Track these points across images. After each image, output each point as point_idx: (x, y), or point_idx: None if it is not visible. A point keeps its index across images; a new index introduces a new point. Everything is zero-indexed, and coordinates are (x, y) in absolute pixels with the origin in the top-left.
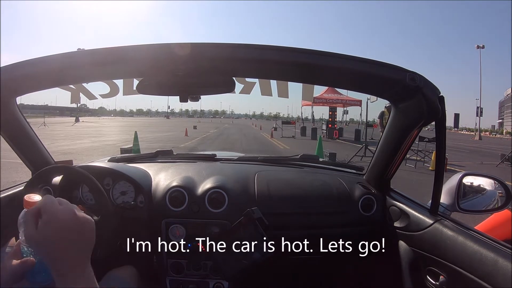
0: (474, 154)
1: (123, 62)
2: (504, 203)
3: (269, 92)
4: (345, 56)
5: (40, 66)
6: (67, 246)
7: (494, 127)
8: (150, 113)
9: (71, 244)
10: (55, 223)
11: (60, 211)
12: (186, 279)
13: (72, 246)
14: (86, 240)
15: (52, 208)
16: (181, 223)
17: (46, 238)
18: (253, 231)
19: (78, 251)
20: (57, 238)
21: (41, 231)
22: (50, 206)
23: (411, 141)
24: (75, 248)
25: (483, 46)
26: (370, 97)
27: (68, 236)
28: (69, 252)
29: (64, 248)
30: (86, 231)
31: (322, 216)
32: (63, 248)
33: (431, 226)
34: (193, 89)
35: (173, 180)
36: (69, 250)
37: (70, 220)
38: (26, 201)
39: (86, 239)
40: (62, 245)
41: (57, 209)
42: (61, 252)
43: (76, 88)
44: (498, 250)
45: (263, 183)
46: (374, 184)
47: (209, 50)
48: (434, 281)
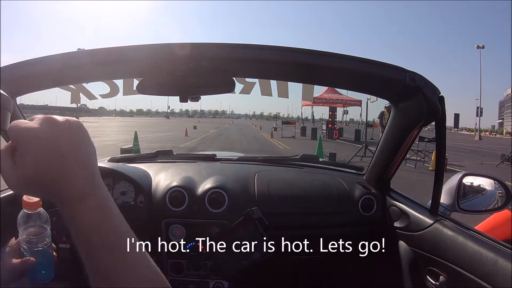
0: (474, 154)
1: (123, 62)
2: (504, 203)
3: (269, 92)
4: (345, 56)
5: (40, 66)
6: (62, 170)
7: (494, 127)
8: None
9: (65, 164)
10: (35, 147)
11: (34, 129)
12: (186, 279)
13: (69, 166)
14: (83, 148)
15: (22, 130)
16: (181, 223)
17: (31, 173)
18: (253, 231)
19: (79, 167)
20: (44, 166)
21: (21, 166)
22: (19, 130)
23: (411, 141)
24: (73, 166)
25: (483, 46)
26: (370, 97)
27: (57, 154)
28: (69, 177)
29: (60, 176)
30: (76, 137)
31: (322, 216)
32: (58, 175)
33: (431, 226)
34: (193, 89)
35: (173, 180)
36: (66, 173)
37: (52, 133)
38: (25, 201)
39: (81, 148)
40: (55, 172)
41: (29, 128)
42: (59, 182)
43: (76, 88)
44: (498, 250)
45: (263, 183)
46: (374, 184)
47: (209, 50)
48: (434, 281)
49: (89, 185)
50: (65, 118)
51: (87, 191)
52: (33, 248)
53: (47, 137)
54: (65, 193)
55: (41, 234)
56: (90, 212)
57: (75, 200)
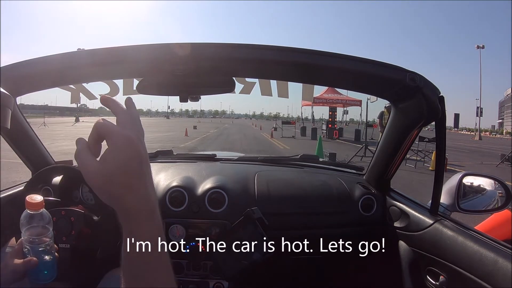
0: (474, 154)
1: (123, 62)
2: (504, 203)
3: (269, 92)
4: (345, 56)
5: (40, 66)
6: (139, 178)
7: (494, 127)
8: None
9: (143, 173)
10: (125, 146)
11: (127, 132)
12: (186, 279)
13: (145, 179)
14: (145, 165)
15: (116, 130)
16: (181, 223)
17: (117, 170)
18: (253, 231)
19: (151, 185)
20: (129, 167)
21: (110, 161)
22: (113, 129)
23: (411, 141)
24: (148, 181)
25: (483, 46)
26: (370, 97)
27: (138, 160)
28: (145, 188)
29: (137, 183)
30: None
31: (322, 216)
32: (137, 181)
33: (431, 226)
34: (193, 89)
35: (173, 180)
36: (143, 182)
37: (138, 140)
38: (28, 202)
39: (149, 171)
40: (135, 178)
41: (123, 130)
42: (134, 189)
43: (76, 88)
44: (498, 250)
45: (263, 183)
46: (374, 184)
47: (209, 50)
48: (434, 281)
49: (155, 204)
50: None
51: (152, 209)
52: (35, 248)
53: (135, 142)
54: (135, 204)
55: (43, 234)
56: (149, 229)
57: (142, 213)
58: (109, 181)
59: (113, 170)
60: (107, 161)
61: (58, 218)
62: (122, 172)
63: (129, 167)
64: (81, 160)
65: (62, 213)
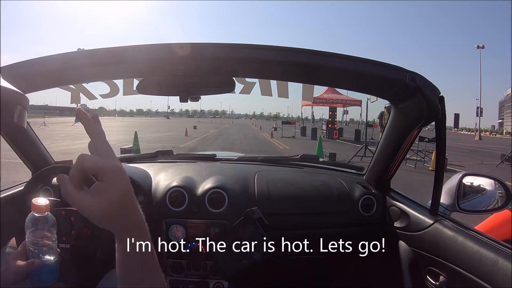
0: (474, 154)
1: (123, 62)
2: (504, 203)
3: (269, 92)
4: (345, 56)
5: (40, 66)
6: (127, 205)
7: (494, 127)
8: (150, 113)
9: (130, 201)
10: (120, 183)
11: (118, 167)
12: (186, 279)
13: (132, 203)
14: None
15: (109, 166)
16: (181, 223)
17: (112, 206)
18: (253, 231)
19: (136, 205)
20: (121, 201)
21: (106, 198)
22: (106, 165)
23: (411, 141)
24: (134, 204)
25: (483, 46)
26: (370, 97)
27: (126, 192)
28: (132, 211)
29: (126, 210)
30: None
31: (322, 216)
32: (126, 210)
33: (431, 226)
34: (193, 89)
35: (173, 180)
36: (130, 208)
37: (125, 174)
38: (34, 205)
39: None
40: (125, 207)
41: (115, 165)
42: (124, 215)
43: (76, 88)
44: (498, 250)
45: (263, 183)
46: (374, 184)
47: (209, 50)
48: (434, 281)
49: (144, 221)
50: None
51: (140, 224)
52: (39, 250)
53: (124, 172)
54: (131, 227)
55: (47, 237)
56: (141, 240)
57: (133, 229)
58: (109, 215)
59: (111, 205)
60: (103, 197)
61: (58, 218)
62: (119, 205)
63: (125, 198)
64: (74, 200)
65: (62, 213)
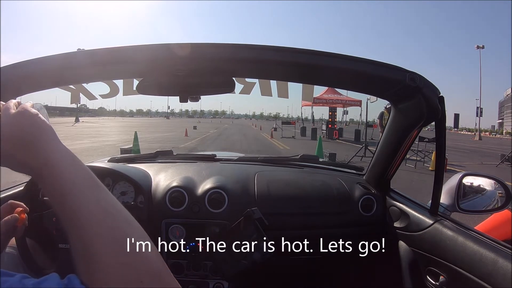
0: (474, 154)
1: (123, 63)
2: (504, 203)
3: (269, 93)
4: (345, 56)
5: (40, 66)
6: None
7: (494, 127)
8: (150, 113)
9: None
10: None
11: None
12: (186, 279)
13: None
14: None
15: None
16: (181, 223)
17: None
18: (253, 231)
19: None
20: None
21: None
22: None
23: (411, 141)
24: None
25: (483, 46)
26: (370, 97)
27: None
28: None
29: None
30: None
31: (322, 216)
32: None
33: (431, 226)
34: (193, 89)
35: (173, 180)
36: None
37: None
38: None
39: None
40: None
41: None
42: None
43: (76, 88)
44: (498, 250)
45: (263, 183)
46: (374, 184)
47: (209, 50)
48: (434, 281)
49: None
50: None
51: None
52: None
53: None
54: (31, 163)
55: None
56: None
57: (42, 168)
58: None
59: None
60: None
61: (55, 222)
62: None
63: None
64: None
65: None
